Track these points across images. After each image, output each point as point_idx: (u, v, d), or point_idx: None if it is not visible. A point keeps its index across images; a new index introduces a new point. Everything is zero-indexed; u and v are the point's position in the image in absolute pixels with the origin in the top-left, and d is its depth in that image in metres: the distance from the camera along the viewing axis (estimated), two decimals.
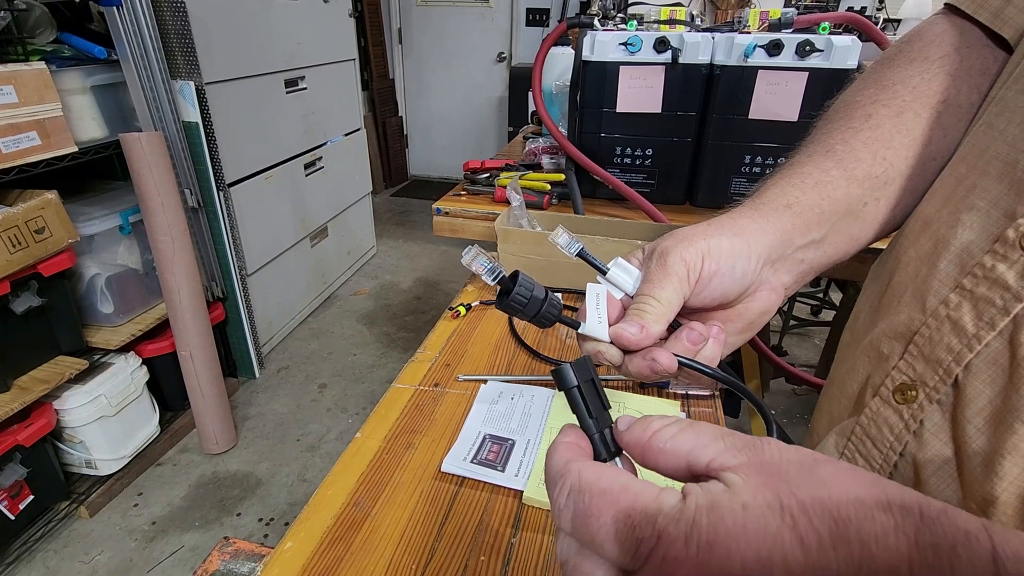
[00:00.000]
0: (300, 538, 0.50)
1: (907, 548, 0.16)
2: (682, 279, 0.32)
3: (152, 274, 1.72)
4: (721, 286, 0.33)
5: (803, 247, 0.37)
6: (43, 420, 1.41)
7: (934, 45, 0.40)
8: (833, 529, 0.16)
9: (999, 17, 0.37)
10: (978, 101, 0.38)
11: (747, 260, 0.33)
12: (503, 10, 3.93)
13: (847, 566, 0.16)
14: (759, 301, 0.36)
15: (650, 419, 0.23)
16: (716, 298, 0.34)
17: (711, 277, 0.32)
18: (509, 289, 0.31)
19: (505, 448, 0.60)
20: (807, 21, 0.93)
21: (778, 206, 0.36)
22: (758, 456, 0.19)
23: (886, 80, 0.41)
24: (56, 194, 1.37)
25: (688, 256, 0.32)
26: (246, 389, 2.15)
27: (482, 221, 1.06)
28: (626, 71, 0.97)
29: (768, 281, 0.36)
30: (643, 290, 0.32)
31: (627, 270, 0.34)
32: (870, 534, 0.16)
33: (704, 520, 0.17)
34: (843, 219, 0.38)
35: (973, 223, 0.33)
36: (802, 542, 0.16)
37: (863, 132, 0.39)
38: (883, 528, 0.16)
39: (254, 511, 1.65)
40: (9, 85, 1.25)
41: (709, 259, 0.32)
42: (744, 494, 0.18)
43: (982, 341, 0.31)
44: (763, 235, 0.35)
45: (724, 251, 0.33)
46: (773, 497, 0.17)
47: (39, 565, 1.47)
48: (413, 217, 3.89)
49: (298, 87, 2.34)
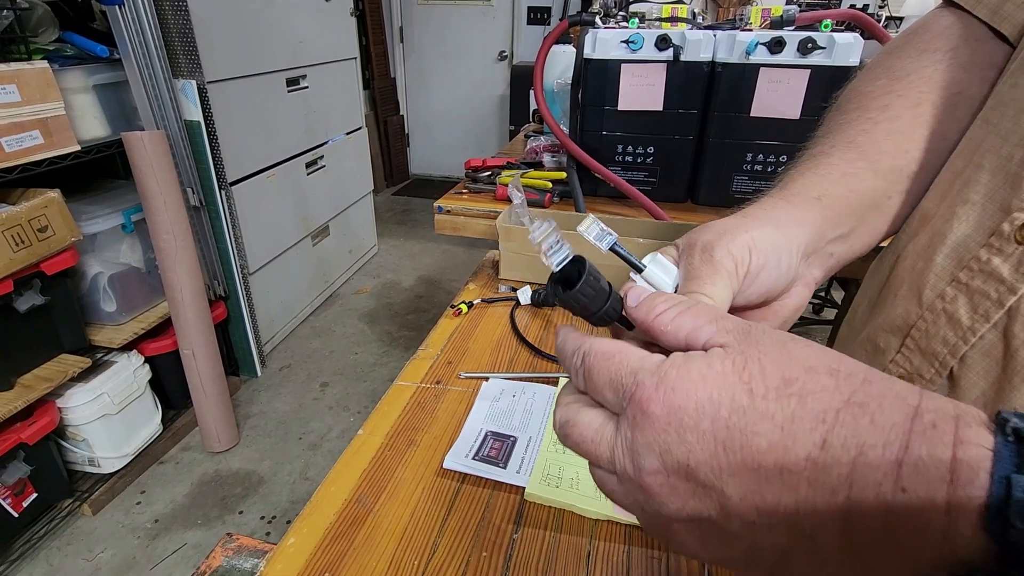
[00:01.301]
0: (303, 534, 0.50)
1: (838, 403, 0.19)
2: (731, 274, 0.30)
3: (154, 273, 1.72)
4: (769, 280, 0.31)
5: (833, 241, 0.35)
6: (46, 418, 1.42)
7: (943, 37, 0.40)
8: (779, 385, 0.20)
9: (997, 13, 0.37)
10: (988, 94, 0.38)
11: (789, 253, 0.32)
12: (504, 8, 3.93)
13: (783, 413, 0.19)
14: (794, 297, 0.34)
15: (654, 300, 0.26)
16: (762, 294, 0.31)
17: (759, 271, 0.30)
18: (572, 280, 0.27)
19: (507, 445, 0.60)
20: (809, 18, 0.93)
21: (808, 198, 0.35)
22: (744, 334, 0.22)
23: (898, 70, 0.40)
24: (59, 193, 1.37)
25: (735, 250, 0.30)
26: (248, 387, 2.16)
27: (483, 219, 1.06)
28: (627, 69, 0.97)
29: (803, 275, 0.34)
30: (692, 287, 0.30)
31: (665, 268, 0.31)
32: (809, 390, 0.20)
33: (673, 372, 0.22)
34: (868, 212, 0.37)
35: (969, 217, 0.33)
36: (751, 392, 0.20)
37: (882, 123, 0.38)
38: (822, 387, 0.19)
39: (256, 509, 1.66)
40: (12, 84, 1.26)
41: (756, 252, 0.30)
42: (715, 358, 0.21)
43: (977, 334, 0.31)
44: (799, 227, 0.33)
45: (769, 244, 0.31)
46: (740, 360, 0.21)
47: (42, 562, 1.47)
48: (414, 216, 3.90)
49: (300, 86, 2.34)
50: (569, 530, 0.51)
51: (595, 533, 0.51)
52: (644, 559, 0.49)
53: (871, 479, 0.18)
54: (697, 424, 0.21)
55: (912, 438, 0.17)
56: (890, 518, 0.17)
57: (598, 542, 0.50)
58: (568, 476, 0.56)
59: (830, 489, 0.18)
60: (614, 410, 0.24)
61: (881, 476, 0.17)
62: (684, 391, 0.21)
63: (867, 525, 0.18)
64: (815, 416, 0.19)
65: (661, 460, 0.21)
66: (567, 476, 0.56)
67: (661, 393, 0.21)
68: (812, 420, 0.19)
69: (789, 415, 0.19)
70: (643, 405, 0.22)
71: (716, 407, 0.20)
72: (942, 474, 0.17)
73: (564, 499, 0.53)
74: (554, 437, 0.61)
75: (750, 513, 0.20)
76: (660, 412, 0.21)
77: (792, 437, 0.19)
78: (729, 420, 0.20)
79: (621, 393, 0.23)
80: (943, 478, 0.16)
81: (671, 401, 0.21)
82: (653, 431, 0.21)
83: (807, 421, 0.19)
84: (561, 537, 0.51)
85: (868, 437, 0.18)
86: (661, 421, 0.21)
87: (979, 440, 0.17)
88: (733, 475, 0.20)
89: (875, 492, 0.17)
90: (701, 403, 0.21)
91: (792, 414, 0.19)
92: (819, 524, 0.19)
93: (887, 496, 0.17)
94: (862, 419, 0.18)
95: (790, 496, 0.19)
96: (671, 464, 0.21)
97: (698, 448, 0.21)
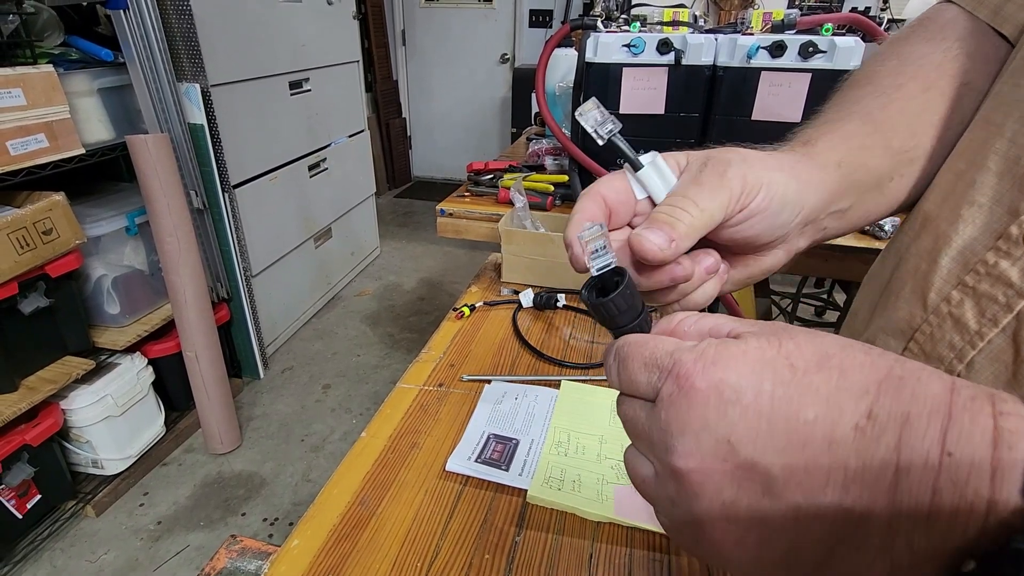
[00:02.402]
0: (306, 536, 0.51)
1: (879, 376, 0.19)
2: (734, 197, 0.28)
3: (158, 275, 1.73)
4: (759, 225, 0.30)
5: (832, 214, 0.35)
6: (50, 420, 1.42)
7: (950, 27, 0.39)
8: (819, 360, 0.20)
9: (999, 14, 0.37)
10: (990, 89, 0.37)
11: (792, 211, 0.31)
12: (506, 12, 3.94)
13: (826, 385, 0.19)
14: (770, 258, 0.34)
15: (675, 314, 0.26)
16: (747, 237, 0.30)
17: (757, 212, 0.29)
18: (607, 289, 0.26)
19: (509, 448, 0.61)
20: (810, 22, 0.93)
21: (829, 161, 0.34)
22: (768, 324, 0.23)
23: (907, 54, 0.39)
24: (63, 196, 1.38)
25: (751, 177, 0.28)
26: (251, 389, 2.16)
27: (486, 222, 1.07)
28: (629, 72, 0.98)
29: (790, 240, 0.33)
30: (685, 191, 0.28)
31: (662, 173, 0.29)
32: (849, 365, 0.20)
33: (711, 349, 0.21)
34: (870, 191, 0.36)
35: (975, 219, 0.32)
36: (792, 366, 0.20)
37: (897, 102, 0.37)
38: (860, 362, 0.20)
39: (259, 511, 1.66)
40: (17, 88, 1.26)
41: (765, 193, 0.29)
42: (751, 337, 0.21)
43: (985, 338, 0.31)
44: (814, 191, 0.32)
45: (780, 191, 0.29)
46: (775, 340, 0.21)
47: (46, 564, 1.48)
48: (416, 218, 3.90)
49: (302, 89, 2.35)
50: (571, 532, 0.52)
51: (597, 536, 0.51)
52: (646, 562, 0.49)
53: (919, 447, 0.17)
54: (739, 398, 0.20)
55: (954, 408, 0.18)
56: (939, 484, 0.17)
57: (600, 545, 0.51)
58: (570, 479, 0.56)
59: (880, 460, 0.18)
60: (647, 396, 0.23)
61: (929, 444, 0.17)
62: (725, 364, 0.20)
63: (915, 496, 0.17)
64: (859, 388, 0.19)
65: (697, 440, 0.20)
66: (569, 479, 0.56)
67: (700, 367, 0.21)
68: (856, 392, 0.19)
69: (834, 387, 0.19)
70: (681, 380, 0.21)
71: (759, 380, 0.20)
72: (986, 440, 0.17)
73: (566, 502, 0.53)
74: (556, 440, 0.62)
75: (796, 495, 0.19)
76: (701, 386, 0.20)
77: (839, 409, 0.19)
78: (774, 392, 0.20)
79: (657, 374, 0.22)
80: (987, 443, 0.17)
81: (711, 375, 0.20)
82: (691, 408, 0.21)
83: (852, 392, 0.19)
84: (563, 539, 0.51)
85: (912, 407, 0.18)
86: (701, 395, 0.20)
87: (1018, 412, 0.17)
88: (779, 452, 0.19)
89: (923, 459, 0.17)
90: (743, 376, 0.20)
91: (836, 386, 0.19)
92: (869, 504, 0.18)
93: (935, 462, 0.17)
94: (904, 391, 0.18)
95: (839, 472, 0.18)
96: (709, 444, 0.20)
97: (741, 424, 0.20)
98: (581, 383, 0.71)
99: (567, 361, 0.76)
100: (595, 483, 0.55)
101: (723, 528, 0.21)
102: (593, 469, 0.57)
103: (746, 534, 0.20)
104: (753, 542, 0.20)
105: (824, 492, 0.19)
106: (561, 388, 0.70)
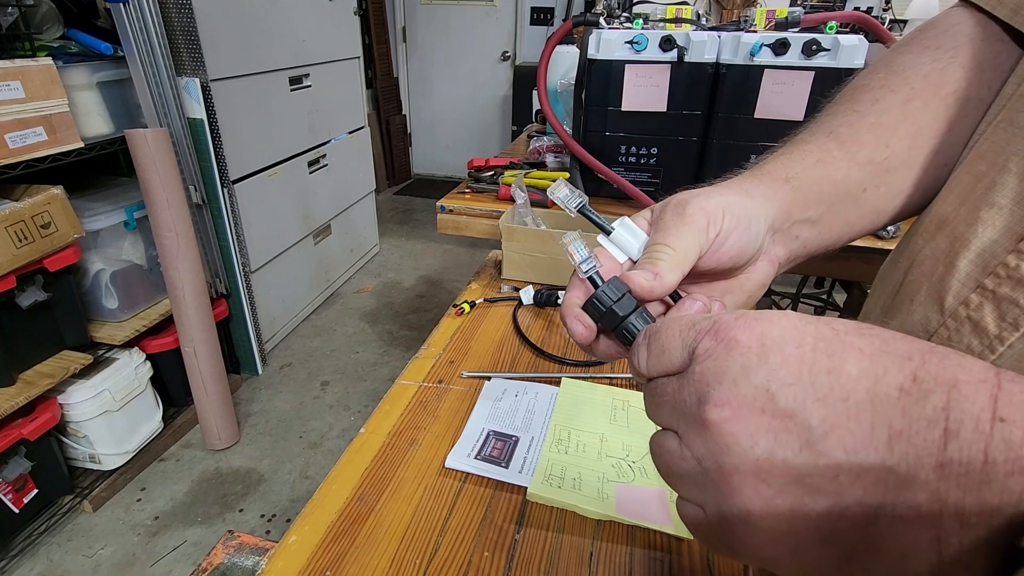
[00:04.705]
0: (304, 532, 0.50)
1: (921, 347, 0.19)
2: (701, 229, 0.30)
3: (156, 270, 1.72)
4: (738, 243, 0.31)
5: (800, 223, 0.36)
6: (48, 414, 1.42)
7: (948, 35, 0.39)
8: (859, 328, 0.20)
9: (1019, 13, 0.36)
10: (988, 97, 0.37)
11: (759, 221, 0.33)
12: (508, 9, 3.93)
13: (869, 346, 0.19)
14: (759, 272, 0.35)
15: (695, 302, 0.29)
16: (733, 256, 0.32)
17: (730, 233, 0.31)
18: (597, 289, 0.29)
19: (509, 445, 0.60)
20: (814, 20, 0.93)
21: (777, 179, 0.36)
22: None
23: (897, 65, 0.40)
24: (62, 189, 1.37)
25: (709, 207, 0.30)
26: (249, 386, 2.16)
27: (486, 219, 1.06)
28: (631, 70, 0.97)
29: (768, 250, 0.35)
30: (657, 239, 0.30)
31: (633, 232, 0.32)
32: (889, 336, 0.20)
33: (751, 312, 0.22)
34: (842, 202, 0.37)
35: (995, 221, 0.32)
36: (833, 328, 0.20)
37: (869, 117, 0.38)
38: (899, 336, 0.20)
39: (256, 507, 1.66)
40: (16, 80, 1.26)
41: (729, 214, 0.31)
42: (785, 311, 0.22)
43: (1005, 342, 0.30)
44: (767, 201, 0.34)
45: (740, 208, 0.31)
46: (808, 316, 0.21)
47: (43, 558, 1.47)
48: (416, 215, 3.90)
49: (303, 85, 2.34)
50: (571, 531, 0.51)
51: (597, 534, 0.51)
52: (646, 560, 0.49)
53: (970, 409, 0.17)
54: (782, 347, 0.20)
55: (1002, 379, 0.17)
56: (990, 449, 0.16)
57: (600, 543, 0.50)
58: (570, 476, 0.56)
59: (927, 420, 0.17)
60: (679, 365, 0.23)
61: (979, 408, 0.17)
62: (768, 319, 0.21)
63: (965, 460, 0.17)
64: (903, 353, 0.19)
65: (735, 386, 0.20)
66: (569, 476, 0.56)
67: (743, 322, 0.21)
68: (900, 356, 0.19)
69: (877, 349, 0.19)
70: (721, 334, 0.21)
71: (801, 334, 0.20)
72: None
73: (566, 499, 0.53)
74: (556, 437, 0.61)
75: (837, 451, 0.18)
76: (742, 338, 0.20)
77: (883, 368, 0.19)
78: (816, 346, 0.19)
79: (693, 335, 0.22)
80: None
81: (754, 327, 0.21)
82: (730, 356, 0.20)
83: (896, 356, 0.19)
84: (563, 538, 0.51)
85: (960, 374, 0.18)
86: (742, 346, 0.20)
87: None
88: (819, 402, 0.19)
89: (974, 423, 0.17)
90: (786, 329, 0.20)
91: (879, 349, 0.19)
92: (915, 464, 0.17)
93: (987, 427, 0.17)
94: (949, 360, 0.18)
95: (883, 429, 0.18)
96: (747, 391, 0.20)
97: (782, 370, 0.19)
98: (582, 380, 0.70)
99: (568, 359, 0.76)
100: (595, 481, 0.55)
101: (752, 489, 0.20)
102: (594, 467, 0.57)
103: (778, 496, 0.19)
104: (786, 508, 0.19)
105: (867, 449, 0.18)
106: (562, 385, 0.69)
